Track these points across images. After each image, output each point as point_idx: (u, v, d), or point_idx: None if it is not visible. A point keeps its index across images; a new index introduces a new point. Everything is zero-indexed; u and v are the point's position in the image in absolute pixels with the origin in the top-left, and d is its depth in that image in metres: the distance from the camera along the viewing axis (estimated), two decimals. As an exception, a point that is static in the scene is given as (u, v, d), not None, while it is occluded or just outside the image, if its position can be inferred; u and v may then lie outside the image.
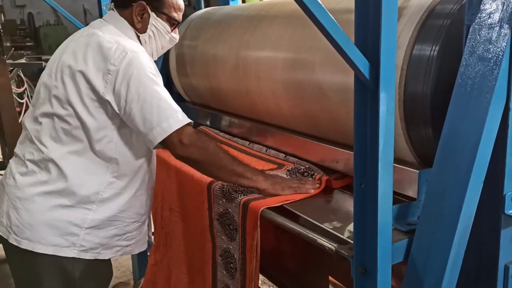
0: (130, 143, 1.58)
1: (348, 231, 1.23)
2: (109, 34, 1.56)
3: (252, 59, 1.85)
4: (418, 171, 1.26)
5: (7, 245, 1.58)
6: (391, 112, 1.00)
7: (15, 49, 5.89)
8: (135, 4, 1.63)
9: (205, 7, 2.77)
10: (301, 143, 1.71)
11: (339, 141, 1.57)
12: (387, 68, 0.98)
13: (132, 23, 1.65)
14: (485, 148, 1.06)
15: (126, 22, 1.64)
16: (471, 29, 1.11)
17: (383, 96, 0.98)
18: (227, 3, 2.82)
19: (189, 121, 1.50)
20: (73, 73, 1.50)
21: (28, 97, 5.78)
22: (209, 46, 2.14)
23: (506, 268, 1.16)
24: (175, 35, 1.75)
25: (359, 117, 1.04)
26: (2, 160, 4.47)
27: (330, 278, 1.71)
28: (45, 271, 1.56)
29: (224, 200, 1.53)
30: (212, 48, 2.12)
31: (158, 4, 1.66)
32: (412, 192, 1.27)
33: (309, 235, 1.23)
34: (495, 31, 1.07)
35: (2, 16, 3.86)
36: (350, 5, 1.37)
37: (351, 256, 1.10)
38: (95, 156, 1.54)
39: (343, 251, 1.13)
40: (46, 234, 1.52)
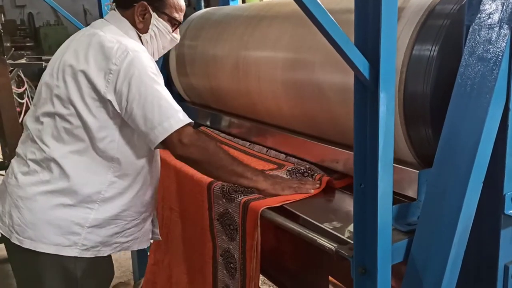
0: (132, 143, 1.58)
1: (348, 231, 1.23)
2: (111, 34, 1.57)
3: (252, 59, 1.85)
4: (418, 171, 1.26)
5: (9, 244, 1.58)
6: (391, 112, 1.00)
7: (15, 49, 5.89)
8: (136, 4, 1.63)
9: (205, 7, 2.77)
10: (300, 143, 1.71)
11: (339, 141, 1.57)
12: (387, 68, 0.98)
13: (133, 23, 1.65)
14: (485, 148, 1.06)
15: (127, 22, 1.64)
16: (470, 29, 1.11)
17: (383, 96, 0.98)
18: (227, 3, 2.83)
19: (190, 120, 1.50)
20: (75, 73, 1.50)
21: (28, 97, 5.78)
22: (209, 46, 2.15)
23: (506, 268, 1.16)
24: (176, 35, 1.75)
25: (359, 117, 1.04)
26: (2, 160, 4.47)
27: (330, 278, 1.71)
28: (47, 270, 1.56)
29: (224, 200, 1.53)
30: (212, 48, 2.12)
31: (159, 4, 1.66)
32: (412, 192, 1.28)
33: (309, 235, 1.23)
34: (494, 31, 1.07)
35: (2, 16, 3.85)
36: (349, 5, 1.37)
37: (351, 256, 1.10)
38: (97, 155, 1.54)
39: (343, 251, 1.13)
40: (48, 233, 1.52)
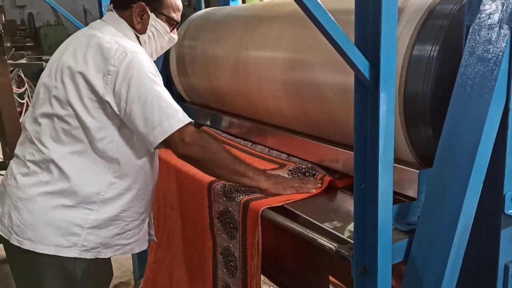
0: (131, 143, 1.58)
1: (348, 231, 1.23)
2: (109, 35, 1.57)
3: (252, 59, 1.85)
4: (418, 171, 1.26)
5: (8, 245, 1.57)
6: (391, 112, 1.00)
7: (15, 50, 5.89)
8: (134, 5, 1.63)
9: (205, 8, 2.77)
10: (300, 143, 1.71)
11: (339, 141, 1.57)
12: (387, 68, 0.98)
13: (131, 24, 1.65)
14: (485, 148, 1.06)
15: (125, 22, 1.64)
16: (470, 29, 1.11)
17: (383, 96, 0.98)
18: (227, 4, 2.83)
19: (190, 120, 1.50)
20: (73, 74, 1.50)
21: (28, 97, 5.79)
22: (209, 46, 2.15)
23: (506, 267, 1.16)
24: (174, 36, 1.75)
25: (359, 117, 1.04)
26: (3, 160, 4.47)
27: (330, 277, 1.71)
28: (46, 272, 1.56)
29: (224, 198, 1.54)
30: (212, 48, 2.12)
31: (157, 5, 1.66)
32: (412, 192, 1.28)
33: (310, 235, 1.24)
34: (494, 31, 1.07)
35: (2, 16, 3.85)
36: (349, 6, 1.37)
37: (351, 255, 1.10)
38: (96, 156, 1.54)
39: (343, 251, 1.13)
40: (47, 234, 1.52)
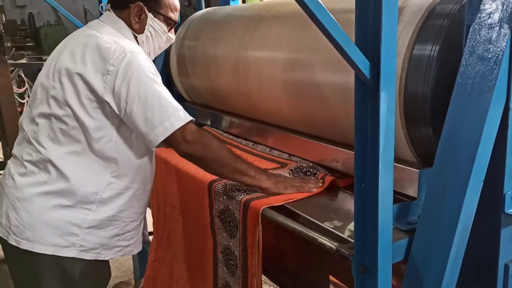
0: (130, 142, 1.58)
1: (348, 230, 1.23)
2: (107, 35, 1.57)
3: (252, 59, 1.85)
4: (418, 171, 1.26)
5: (7, 245, 1.57)
6: (391, 111, 1.00)
7: (15, 50, 5.90)
8: (132, 5, 1.63)
9: (205, 7, 2.77)
10: (301, 143, 1.71)
11: (339, 141, 1.57)
12: (387, 67, 0.98)
13: (129, 24, 1.65)
14: (485, 147, 1.06)
15: (123, 22, 1.64)
16: (471, 29, 1.11)
17: (383, 95, 0.98)
18: (228, 4, 2.83)
19: (191, 118, 1.50)
20: (71, 74, 1.50)
21: (29, 97, 5.79)
22: (209, 46, 2.15)
23: (506, 267, 1.16)
24: (172, 35, 1.76)
25: (359, 117, 1.04)
26: (3, 160, 4.48)
27: (330, 277, 1.71)
28: (44, 271, 1.56)
29: (225, 197, 1.54)
30: (212, 48, 2.12)
31: (155, 4, 1.67)
32: (412, 191, 1.28)
33: (310, 234, 1.24)
34: (495, 31, 1.07)
35: (3, 16, 3.86)
36: (349, 5, 1.37)
37: (352, 255, 1.10)
38: (94, 155, 1.54)
39: (343, 250, 1.13)
40: (45, 234, 1.52)
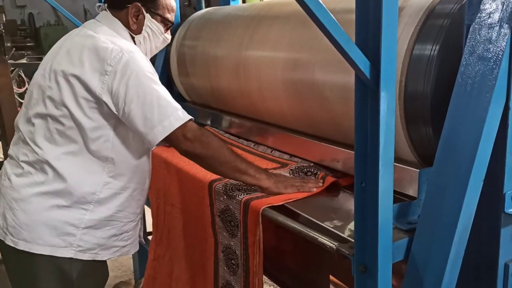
0: (127, 142, 1.58)
1: (348, 230, 1.23)
2: (104, 35, 1.56)
3: (252, 59, 1.86)
4: (418, 170, 1.26)
5: (4, 246, 1.57)
6: (391, 111, 1.01)
7: (16, 49, 5.90)
8: (130, 5, 1.63)
9: (205, 7, 2.77)
10: (301, 143, 1.72)
11: (339, 141, 1.57)
12: (387, 67, 0.98)
13: (126, 25, 1.65)
14: (485, 147, 1.06)
15: (119, 22, 1.64)
16: (471, 29, 1.12)
17: (383, 95, 0.99)
18: (228, 3, 2.83)
19: (190, 117, 1.50)
20: (68, 75, 1.49)
21: (29, 97, 5.78)
22: (209, 46, 2.15)
23: (506, 266, 1.16)
24: (168, 36, 1.76)
25: (359, 116, 1.04)
26: (3, 160, 4.47)
27: (330, 277, 1.72)
28: (42, 272, 1.55)
29: (225, 197, 1.54)
30: (212, 48, 2.12)
31: (152, 5, 1.67)
32: (412, 191, 1.28)
33: (310, 234, 1.24)
34: (495, 30, 1.07)
35: (3, 16, 3.86)
36: (349, 5, 1.37)
37: (352, 254, 1.11)
38: (90, 156, 1.53)
39: (343, 250, 1.13)
40: (43, 234, 1.51)
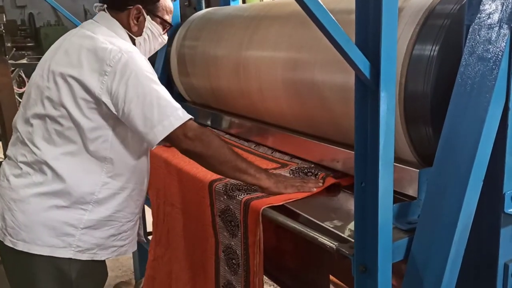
0: (125, 142, 1.58)
1: (348, 230, 1.23)
2: (102, 35, 1.56)
3: (252, 59, 1.86)
4: (418, 170, 1.26)
5: (2, 247, 1.57)
6: (391, 111, 1.01)
7: (16, 50, 5.90)
8: (131, 7, 1.64)
9: (205, 8, 2.78)
10: (301, 143, 1.72)
11: (339, 141, 1.58)
12: (387, 67, 0.98)
13: (127, 26, 1.65)
14: (485, 147, 1.06)
15: (117, 22, 1.64)
16: (470, 29, 1.12)
17: (383, 95, 0.99)
18: (228, 4, 2.84)
19: (190, 117, 1.50)
20: (67, 75, 1.49)
21: (29, 97, 5.78)
22: (209, 46, 2.15)
23: (505, 266, 1.16)
24: (165, 37, 1.78)
25: (359, 117, 1.04)
26: (3, 159, 4.46)
27: (330, 276, 1.72)
28: (41, 272, 1.55)
29: (225, 197, 1.54)
30: (212, 48, 2.12)
31: (153, 7, 1.68)
32: (412, 191, 1.28)
33: (310, 234, 1.24)
34: (494, 31, 1.07)
35: (4, 16, 3.86)
36: (349, 6, 1.37)
37: (352, 254, 1.11)
38: (89, 156, 1.53)
39: (343, 250, 1.13)
40: (42, 235, 1.51)
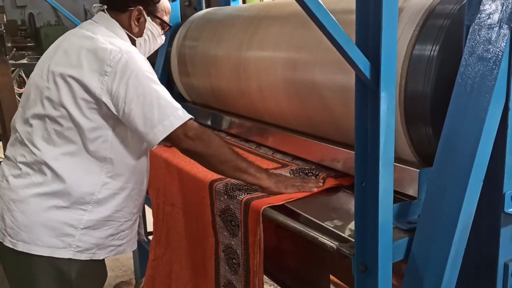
0: (125, 142, 1.58)
1: (349, 230, 1.23)
2: (102, 35, 1.56)
3: (252, 59, 1.86)
4: (418, 170, 1.26)
5: (2, 248, 1.56)
6: (391, 111, 1.01)
7: (16, 50, 5.91)
8: (133, 9, 1.64)
9: (206, 8, 2.78)
10: (301, 143, 1.72)
11: (339, 141, 1.58)
12: (387, 67, 0.99)
13: (127, 27, 1.66)
14: (485, 147, 1.06)
15: (116, 22, 1.64)
16: (470, 29, 1.12)
17: (383, 95, 0.99)
18: (228, 4, 2.84)
19: (190, 117, 1.50)
20: (66, 76, 1.49)
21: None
22: (210, 46, 2.15)
23: (505, 266, 1.16)
24: (163, 37, 1.80)
25: (360, 117, 1.04)
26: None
27: (331, 276, 1.72)
28: (41, 273, 1.55)
29: (225, 196, 1.54)
30: (213, 48, 2.13)
31: (153, 8, 1.69)
32: (412, 191, 1.28)
33: (310, 234, 1.24)
34: (494, 31, 1.07)
35: (4, 16, 3.86)
36: (349, 6, 1.38)
37: (352, 254, 1.11)
38: (89, 156, 1.53)
39: (344, 249, 1.14)
40: (42, 235, 1.51)
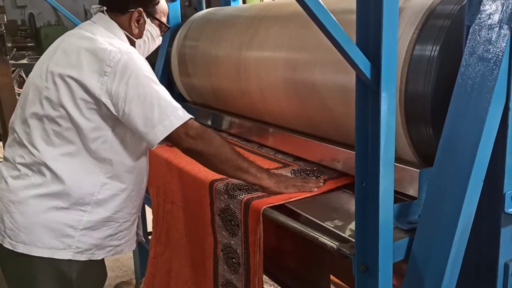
0: (124, 143, 1.58)
1: (349, 230, 1.23)
2: (101, 36, 1.57)
3: (253, 59, 1.86)
4: (418, 170, 1.27)
5: (1, 249, 1.56)
6: (392, 111, 1.01)
7: (16, 50, 5.91)
8: (133, 10, 1.65)
9: (206, 8, 2.78)
10: (301, 143, 1.72)
11: (340, 141, 1.58)
12: (388, 68, 0.99)
13: (127, 29, 1.66)
14: (485, 147, 1.06)
15: (115, 23, 1.65)
16: (471, 29, 1.12)
17: (384, 95, 0.99)
18: (228, 4, 2.84)
19: (190, 116, 1.50)
20: (66, 76, 1.49)
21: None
22: (210, 46, 2.16)
23: (506, 266, 1.17)
24: (161, 39, 1.81)
25: (360, 117, 1.04)
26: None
27: (331, 276, 1.72)
28: (41, 274, 1.55)
29: (226, 196, 1.54)
30: (213, 48, 2.13)
31: (152, 10, 1.70)
32: (413, 191, 1.28)
33: (311, 234, 1.24)
34: (494, 31, 1.08)
35: (4, 16, 3.87)
36: (350, 6, 1.38)
37: (353, 254, 1.11)
38: (88, 156, 1.53)
39: (344, 249, 1.14)
40: (41, 236, 1.51)
